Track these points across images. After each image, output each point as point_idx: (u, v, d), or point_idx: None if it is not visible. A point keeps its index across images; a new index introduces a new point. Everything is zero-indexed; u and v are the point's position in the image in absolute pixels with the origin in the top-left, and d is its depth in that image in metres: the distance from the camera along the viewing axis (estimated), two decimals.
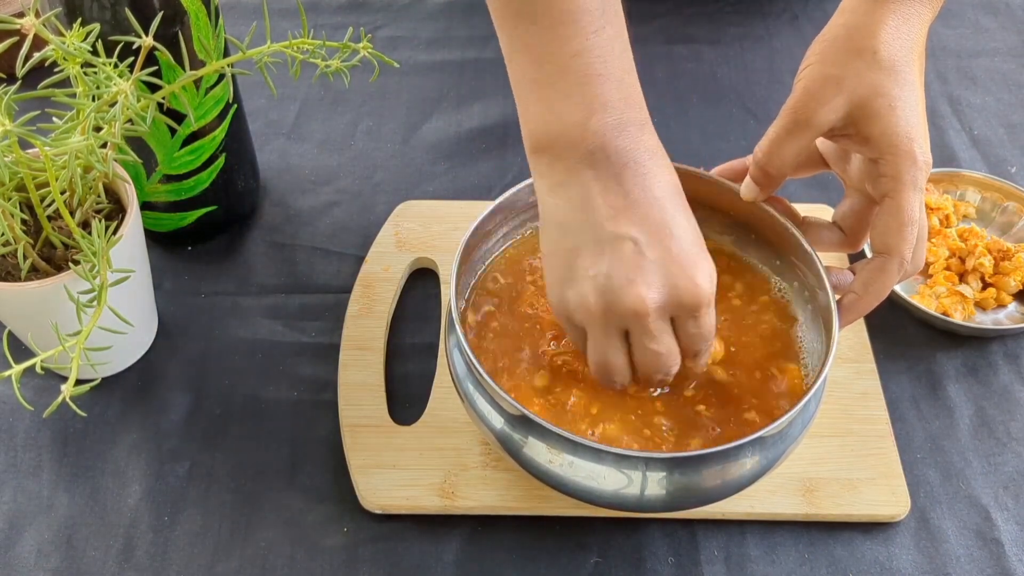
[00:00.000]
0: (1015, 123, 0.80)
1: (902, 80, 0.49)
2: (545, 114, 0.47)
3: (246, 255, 0.70)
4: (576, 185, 0.47)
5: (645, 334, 0.47)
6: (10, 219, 0.52)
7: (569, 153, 0.47)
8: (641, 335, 0.48)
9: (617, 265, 0.46)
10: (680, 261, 0.46)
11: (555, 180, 0.48)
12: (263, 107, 0.80)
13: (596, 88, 0.46)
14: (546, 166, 0.48)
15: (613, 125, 0.46)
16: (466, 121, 0.80)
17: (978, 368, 0.64)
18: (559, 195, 0.48)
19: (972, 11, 0.90)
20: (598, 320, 0.47)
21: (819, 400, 0.52)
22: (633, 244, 0.46)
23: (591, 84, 0.46)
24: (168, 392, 0.62)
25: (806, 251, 0.54)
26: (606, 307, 0.47)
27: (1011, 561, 0.55)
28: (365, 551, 0.55)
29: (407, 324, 0.66)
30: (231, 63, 0.55)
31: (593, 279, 0.47)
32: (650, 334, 0.47)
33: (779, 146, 0.51)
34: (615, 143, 0.46)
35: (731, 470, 0.49)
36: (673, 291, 0.46)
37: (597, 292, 0.47)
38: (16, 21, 0.45)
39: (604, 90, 0.46)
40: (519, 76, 0.48)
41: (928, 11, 0.51)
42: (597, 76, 0.46)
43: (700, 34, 0.88)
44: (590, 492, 0.49)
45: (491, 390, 0.50)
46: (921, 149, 0.49)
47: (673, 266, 0.46)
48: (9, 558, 0.55)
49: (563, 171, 0.47)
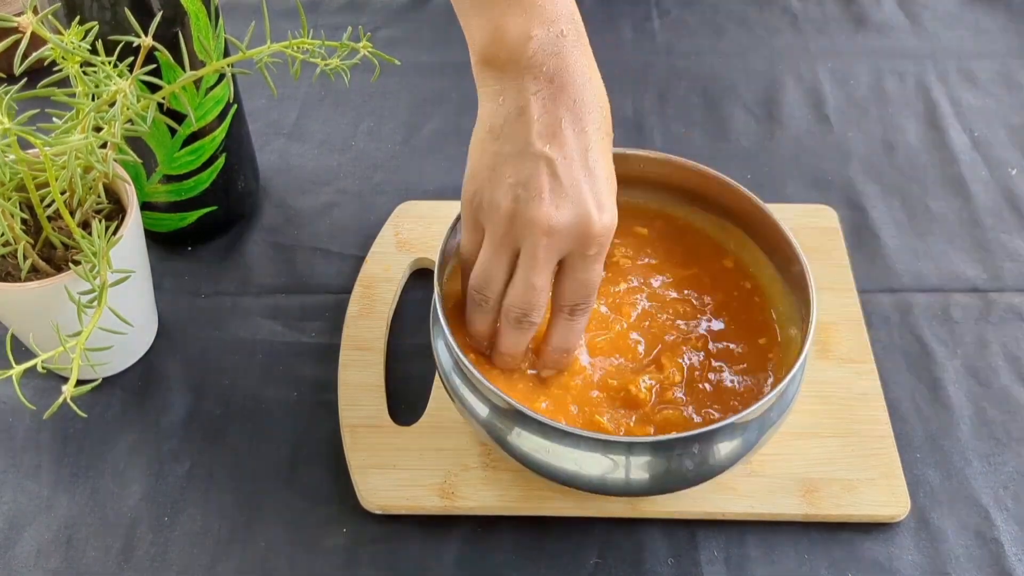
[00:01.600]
0: (1016, 124, 0.80)
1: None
2: (489, 29, 0.50)
3: (246, 255, 0.70)
4: (515, 94, 0.49)
5: (532, 260, 0.49)
6: (10, 219, 0.52)
7: (512, 65, 0.49)
8: (528, 261, 0.50)
9: (534, 180, 0.48)
10: (590, 196, 0.49)
11: (497, 88, 0.50)
12: (263, 107, 0.80)
13: (536, 0, 0.49)
14: (490, 77, 0.50)
15: (553, 39, 0.49)
16: (466, 121, 0.79)
17: (978, 368, 0.64)
18: (497, 101, 0.50)
19: (972, 12, 0.90)
20: (501, 225, 0.50)
21: (798, 384, 0.53)
22: (553, 166, 0.48)
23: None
24: (168, 392, 0.62)
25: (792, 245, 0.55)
26: (513, 213, 0.49)
27: (1011, 561, 0.55)
28: (365, 551, 0.55)
29: (407, 324, 0.66)
30: (231, 63, 0.55)
31: (511, 187, 0.49)
32: (536, 261, 0.49)
33: None
34: (555, 62, 0.49)
35: (711, 453, 0.50)
36: (575, 220, 0.48)
37: (510, 198, 0.49)
38: (13, 19, 0.45)
39: (543, 1, 0.49)
40: (460, 4, 0.51)
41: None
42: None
43: (700, 34, 0.88)
44: (577, 478, 0.50)
45: (476, 381, 0.50)
46: None
47: (582, 197, 0.49)
48: (9, 558, 0.55)
49: (504, 80, 0.50)
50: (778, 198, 0.73)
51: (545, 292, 0.51)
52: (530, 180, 0.48)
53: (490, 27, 0.49)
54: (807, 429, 0.59)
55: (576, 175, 0.49)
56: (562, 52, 0.49)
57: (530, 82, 0.49)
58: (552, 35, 0.49)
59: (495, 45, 0.49)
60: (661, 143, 0.78)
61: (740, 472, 0.57)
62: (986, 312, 0.67)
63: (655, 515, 0.56)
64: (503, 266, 0.51)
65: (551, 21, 0.49)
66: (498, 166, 0.49)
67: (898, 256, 0.70)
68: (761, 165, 0.76)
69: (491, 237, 0.50)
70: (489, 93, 0.50)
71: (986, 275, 0.69)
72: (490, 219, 0.50)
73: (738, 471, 0.56)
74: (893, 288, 0.68)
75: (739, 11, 0.90)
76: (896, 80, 0.83)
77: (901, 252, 0.70)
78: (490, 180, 0.50)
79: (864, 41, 0.87)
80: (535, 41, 0.48)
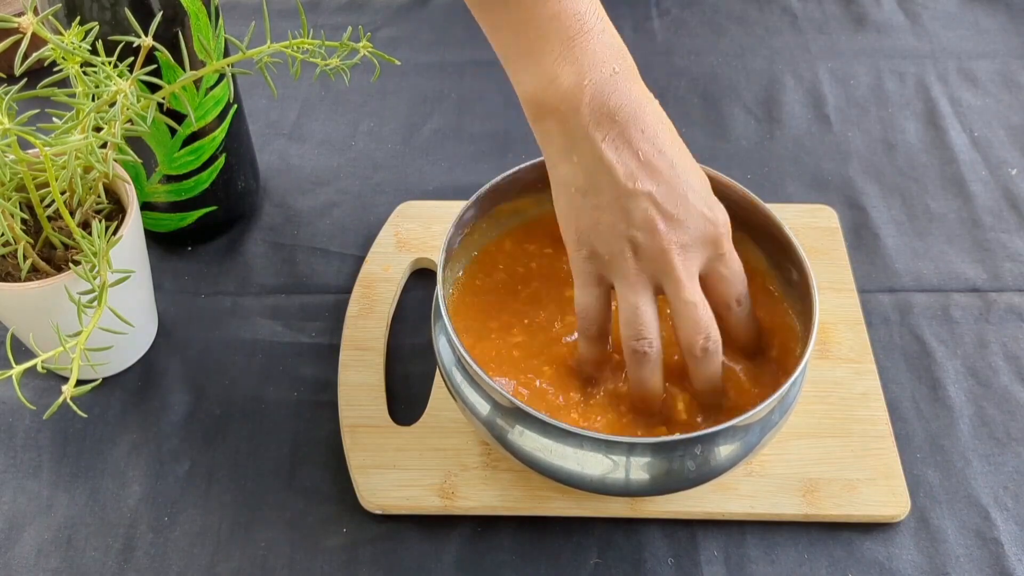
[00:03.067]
0: (1016, 124, 0.80)
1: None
2: (538, 81, 0.49)
3: (246, 255, 0.70)
4: (587, 148, 0.49)
5: (678, 283, 0.49)
6: (10, 219, 0.52)
7: (572, 117, 0.49)
8: (674, 285, 0.50)
9: (646, 217, 0.49)
10: (698, 204, 0.50)
11: (564, 145, 0.50)
12: (263, 107, 0.80)
13: (581, 45, 0.48)
14: (551, 133, 0.50)
15: (607, 80, 0.48)
16: (466, 121, 0.80)
17: (978, 368, 0.64)
18: (571, 160, 0.50)
19: (972, 12, 0.90)
20: (632, 270, 0.50)
21: (799, 387, 0.53)
22: (653, 197, 0.49)
23: (575, 43, 0.48)
24: (168, 392, 0.62)
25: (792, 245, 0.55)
26: (640, 255, 0.49)
27: (1011, 561, 0.55)
28: (365, 551, 0.55)
29: (407, 324, 0.66)
30: (231, 63, 0.55)
31: (625, 232, 0.49)
32: (682, 282, 0.49)
33: None
34: (613, 100, 0.48)
35: (712, 454, 0.50)
36: (699, 232, 0.50)
37: (629, 242, 0.49)
38: (13, 20, 0.45)
39: (590, 46, 0.49)
40: (504, 52, 0.50)
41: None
42: (578, 34, 0.48)
43: (700, 34, 0.88)
44: (578, 477, 0.50)
45: (478, 377, 0.50)
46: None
47: (693, 210, 0.50)
48: (9, 558, 0.55)
49: (569, 136, 0.49)
50: (778, 198, 0.73)
51: (704, 305, 0.50)
52: (642, 219, 0.49)
53: (541, 75, 0.49)
54: (807, 429, 0.59)
55: (677, 193, 0.49)
56: (618, 90, 0.48)
57: (595, 131, 0.48)
58: (605, 76, 0.48)
59: (548, 94, 0.49)
60: None
61: (740, 472, 0.57)
62: (986, 312, 0.67)
63: (655, 515, 0.56)
64: (650, 305, 0.50)
65: (602, 63, 0.48)
66: (602, 219, 0.49)
67: (898, 256, 0.70)
68: (761, 165, 0.76)
69: (627, 286, 0.50)
70: (558, 152, 0.50)
71: (986, 275, 0.69)
72: (618, 270, 0.50)
73: (738, 471, 0.56)
74: (893, 288, 0.68)
75: (739, 11, 0.90)
76: (896, 80, 0.83)
77: (901, 252, 0.70)
78: (601, 235, 0.50)
79: (864, 41, 0.87)
80: (590, 87, 0.48)
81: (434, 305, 0.55)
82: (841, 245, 0.69)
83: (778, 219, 0.56)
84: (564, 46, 0.48)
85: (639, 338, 0.50)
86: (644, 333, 0.50)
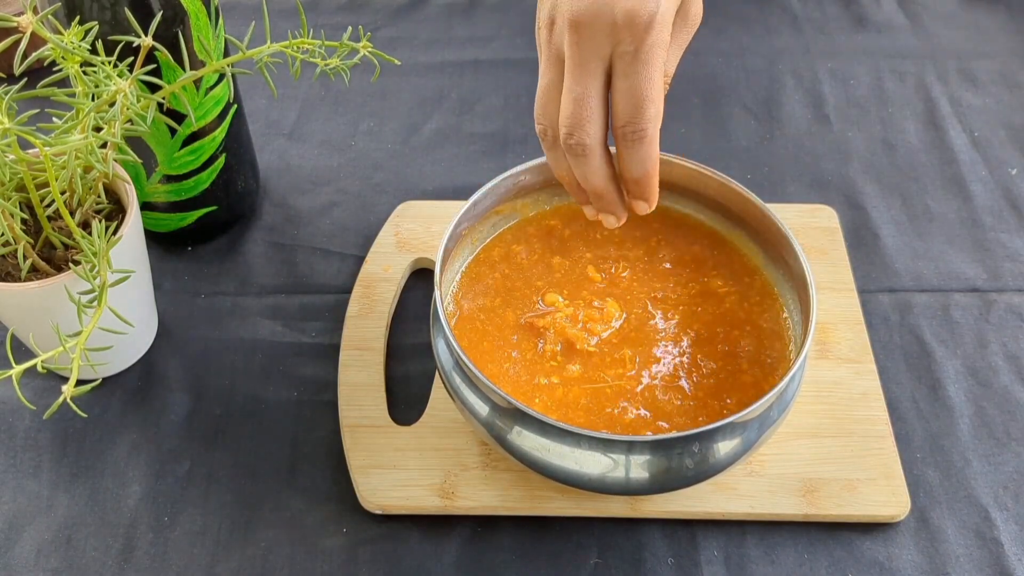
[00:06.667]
0: (1016, 124, 0.80)
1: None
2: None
3: (246, 255, 0.70)
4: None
5: (568, 65, 0.44)
6: (10, 219, 0.52)
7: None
8: (567, 69, 0.45)
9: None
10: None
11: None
12: (263, 107, 0.80)
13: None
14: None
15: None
16: (466, 121, 0.80)
17: (978, 368, 0.64)
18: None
19: (972, 12, 0.90)
20: (544, 41, 0.46)
21: (798, 383, 0.53)
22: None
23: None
24: (168, 392, 0.62)
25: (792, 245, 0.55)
26: (552, 22, 0.45)
27: (1011, 561, 0.55)
28: (365, 551, 0.55)
29: (407, 324, 0.66)
30: (231, 63, 0.55)
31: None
32: (572, 64, 0.44)
33: None
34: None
35: (711, 452, 0.50)
36: (594, 6, 0.43)
37: (548, 7, 0.45)
38: (13, 19, 0.45)
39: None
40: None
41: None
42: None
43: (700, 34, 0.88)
44: (577, 476, 0.51)
45: (476, 379, 0.50)
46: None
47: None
48: (9, 558, 0.55)
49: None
50: (778, 198, 0.73)
51: (590, 103, 0.45)
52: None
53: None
54: (807, 429, 0.59)
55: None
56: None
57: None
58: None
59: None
60: (661, 143, 0.78)
61: (740, 472, 0.57)
62: (986, 312, 0.67)
63: (655, 515, 0.56)
64: (556, 86, 0.46)
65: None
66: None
67: (898, 256, 0.70)
68: (761, 165, 0.76)
69: (542, 60, 0.46)
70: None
71: (986, 275, 0.69)
72: (538, 41, 0.46)
73: (738, 471, 0.56)
74: (893, 288, 0.68)
75: (739, 11, 0.90)
76: (896, 80, 0.83)
77: (901, 252, 0.70)
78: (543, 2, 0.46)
79: (864, 41, 0.87)
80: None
81: (432, 308, 0.55)
82: (841, 245, 0.69)
83: (776, 217, 0.56)
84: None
85: (537, 120, 0.47)
86: (542, 118, 0.46)
